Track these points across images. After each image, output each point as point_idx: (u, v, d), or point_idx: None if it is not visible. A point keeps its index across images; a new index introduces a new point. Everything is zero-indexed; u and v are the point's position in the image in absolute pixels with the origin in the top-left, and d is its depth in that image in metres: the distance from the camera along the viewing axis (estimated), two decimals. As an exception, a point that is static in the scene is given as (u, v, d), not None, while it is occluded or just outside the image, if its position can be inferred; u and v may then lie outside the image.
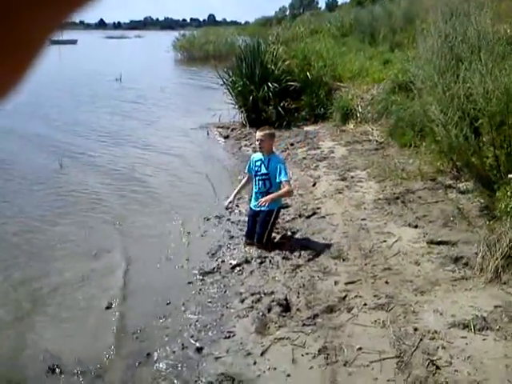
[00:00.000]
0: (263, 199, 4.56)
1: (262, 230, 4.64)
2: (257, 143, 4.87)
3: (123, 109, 13.24)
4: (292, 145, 8.25)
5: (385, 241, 4.43)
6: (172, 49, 32.25)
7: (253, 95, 10.07)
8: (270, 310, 3.62)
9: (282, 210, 5.15)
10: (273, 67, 10.43)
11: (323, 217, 5.15)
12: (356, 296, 3.63)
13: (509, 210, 3.82)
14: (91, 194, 6.55)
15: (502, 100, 4.59)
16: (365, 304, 3.51)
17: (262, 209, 4.69)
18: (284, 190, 4.59)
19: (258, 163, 4.78)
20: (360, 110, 8.84)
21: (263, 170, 4.73)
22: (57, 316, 3.84)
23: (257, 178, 4.79)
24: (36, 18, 0.25)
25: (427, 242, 4.28)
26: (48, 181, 7.13)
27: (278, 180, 4.63)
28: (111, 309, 3.86)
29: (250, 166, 4.92)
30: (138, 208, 6.02)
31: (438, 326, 3.15)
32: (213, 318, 3.65)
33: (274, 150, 4.99)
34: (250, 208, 4.95)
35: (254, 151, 7.99)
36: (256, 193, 4.83)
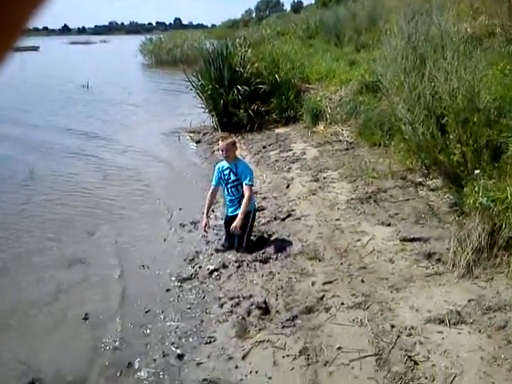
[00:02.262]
0: (234, 225, 4.58)
1: (241, 234, 4.66)
2: (221, 153, 4.93)
3: (90, 115, 13.02)
4: (264, 147, 8.29)
5: (359, 240, 4.51)
6: (139, 53, 31.96)
7: (223, 99, 10.06)
8: (249, 314, 3.64)
9: (258, 213, 5.18)
10: (241, 70, 10.45)
11: (298, 218, 5.20)
12: (333, 296, 3.69)
13: (477, 205, 3.94)
14: (61, 202, 6.45)
15: (466, 97, 4.73)
16: (342, 303, 3.57)
17: (236, 213, 4.73)
18: (245, 198, 4.67)
19: (227, 171, 4.84)
20: (329, 112, 8.94)
21: (233, 177, 4.80)
22: (34, 328, 3.78)
23: (228, 186, 4.85)
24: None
25: (400, 240, 4.38)
26: (19, 188, 6.99)
27: (242, 182, 4.72)
28: (88, 319, 3.82)
29: (217, 176, 4.94)
30: (111, 216, 5.95)
31: (415, 321, 3.23)
32: (193, 324, 3.65)
33: (238, 155, 5.10)
34: (226, 215, 5.00)
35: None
36: (231, 200, 4.89)
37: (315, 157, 7.28)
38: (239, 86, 10.03)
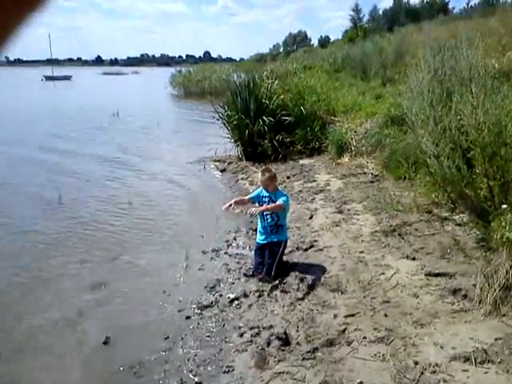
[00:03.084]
0: (253, 209, 4.77)
1: (271, 261, 4.70)
2: (262, 186, 5.07)
3: (118, 143, 13.32)
4: (288, 178, 8.32)
5: (383, 273, 4.43)
6: (169, 85, 32.79)
7: (248, 129, 10.20)
8: (269, 344, 3.59)
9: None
10: (267, 102, 10.62)
11: (321, 249, 5.16)
12: (355, 329, 3.61)
13: (504, 240, 3.85)
14: (87, 227, 6.55)
15: (493, 131, 4.69)
16: (364, 337, 3.49)
17: (269, 241, 4.87)
18: (275, 204, 4.83)
19: (266, 199, 4.98)
20: (354, 144, 8.96)
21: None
22: (54, 351, 3.79)
23: (264, 213, 4.93)
24: None
25: (425, 274, 4.28)
26: (46, 212, 7.13)
27: (278, 199, 4.85)
28: (108, 343, 3.82)
29: (258, 195, 5.08)
30: (135, 242, 6.01)
31: (439, 358, 3.13)
32: (211, 353, 3.61)
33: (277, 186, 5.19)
34: (257, 242, 5.04)
35: (251, 184, 8.08)
36: (264, 227, 4.97)
37: (339, 188, 7.26)
38: (265, 117, 10.17)
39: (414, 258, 4.64)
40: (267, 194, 5.00)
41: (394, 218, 5.63)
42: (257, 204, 5.03)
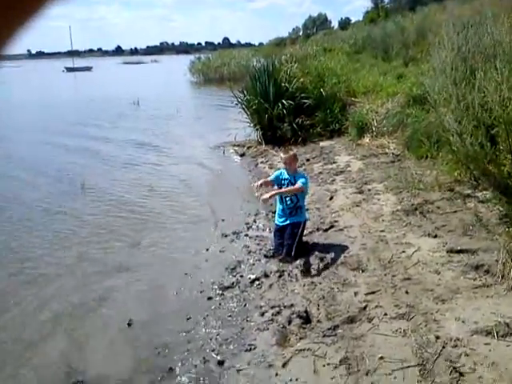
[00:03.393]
0: (269, 193, 4.86)
1: (291, 242, 4.71)
2: (283, 165, 5.10)
3: (139, 131, 13.48)
4: (308, 160, 8.27)
5: (404, 251, 4.40)
6: (188, 72, 32.80)
7: (268, 113, 10.17)
8: (290, 323, 3.61)
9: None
10: (287, 85, 10.54)
11: (341, 229, 5.14)
12: (376, 306, 3.61)
13: (529, 216, 3.78)
14: (112, 209, 6.72)
15: (517, 107, 4.58)
16: (385, 314, 3.48)
17: (288, 222, 4.89)
18: (294, 186, 4.86)
19: (286, 182, 4.99)
20: (375, 124, 8.85)
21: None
22: (80, 333, 3.89)
23: (283, 196, 4.94)
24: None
25: (447, 251, 4.24)
26: (67, 203, 7.28)
27: (297, 180, 4.87)
28: (132, 325, 3.89)
29: (277, 177, 5.10)
30: (156, 227, 6.09)
31: (461, 333, 3.11)
32: (233, 332, 3.66)
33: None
34: (277, 224, 5.06)
35: (270, 168, 8.08)
36: (283, 209, 4.99)
37: (360, 169, 7.20)
38: (284, 101, 10.11)
39: (435, 236, 4.59)
40: (287, 177, 5.00)
41: (416, 197, 5.56)
42: (276, 187, 5.05)
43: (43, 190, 7.97)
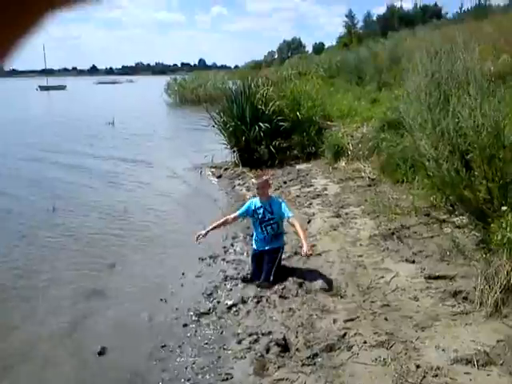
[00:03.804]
0: (308, 249, 4.50)
1: (270, 267, 4.63)
2: (256, 190, 5.03)
3: (115, 151, 13.29)
4: (285, 183, 8.28)
5: (382, 277, 4.38)
6: (164, 93, 32.75)
7: (245, 135, 10.18)
8: (268, 351, 3.53)
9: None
10: (263, 108, 10.59)
11: (319, 254, 5.10)
12: (356, 334, 3.56)
13: (504, 241, 3.81)
14: (83, 235, 6.49)
15: (491, 133, 4.67)
16: (365, 342, 3.43)
17: (267, 248, 4.81)
18: (299, 228, 4.71)
19: (261, 210, 4.88)
20: (351, 148, 8.94)
21: (269, 216, 4.85)
22: (50, 362, 3.72)
23: (263, 225, 4.89)
24: None
25: (425, 277, 4.24)
26: (41, 223, 7.07)
27: (285, 216, 4.77)
28: (105, 354, 3.75)
29: (247, 209, 4.98)
30: (132, 249, 5.96)
31: (441, 362, 3.08)
32: (210, 360, 3.56)
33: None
34: (254, 249, 4.99)
35: (248, 190, 8.04)
36: (264, 238, 4.90)
37: (337, 193, 7.22)
38: (261, 123, 10.14)
39: (413, 261, 4.60)
40: (260, 205, 4.90)
41: (393, 222, 5.59)
42: (255, 223, 4.95)
43: (15, 211, 7.74)
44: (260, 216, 4.88)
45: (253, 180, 5.00)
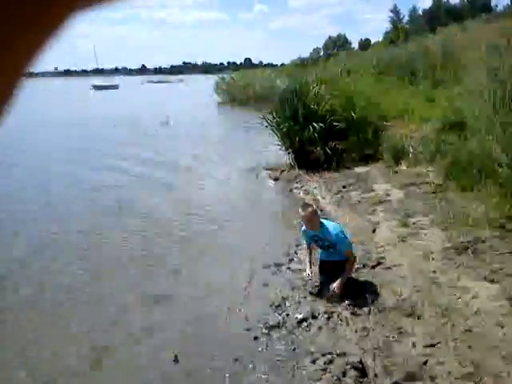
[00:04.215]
0: (339, 288, 4.44)
1: (340, 280, 4.48)
2: (304, 222, 4.71)
3: (167, 155, 13.34)
4: (344, 187, 8.07)
5: (460, 297, 4.14)
6: (214, 92, 32.88)
7: (298, 136, 10.00)
8: (344, 374, 3.41)
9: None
10: (315, 107, 10.34)
11: (389, 268, 4.91)
12: (438, 362, 3.36)
13: None
14: (145, 242, 6.51)
15: None
16: (449, 372, 3.24)
17: (335, 259, 4.63)
18: (349, 265, 4.58)
19: (315, 239, 4.72)
20: (411, 151, 8.62)
21: (327, 243, 4.64)
22: (124, 369, 3.73)
23: (324, 248, 4.75)
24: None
25: (508, 299, 3.98)
26: (103, 228, 7.16)
27: (342, 250, 4.57)
28: (179, 362, 3.72)
29: (308, 242, 4.90)
30: (195, 257, 5.92)
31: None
32: (284, 379, 3.47)
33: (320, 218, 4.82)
34: (321, 260, 4.88)
35: (306, 194, 7.91)
36: (329, 253, 4.75)
37: (400, 199, 6.95)
38: (314, 124, 9.92)
39: (492, 280, 4.32)
40: (313, 234, 4.68)
41: (466, 234, 5.29)
42: (313, 244, 4.85)
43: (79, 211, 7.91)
44: (320, 243, 4.73)
45: (299, 211, 4.72)
